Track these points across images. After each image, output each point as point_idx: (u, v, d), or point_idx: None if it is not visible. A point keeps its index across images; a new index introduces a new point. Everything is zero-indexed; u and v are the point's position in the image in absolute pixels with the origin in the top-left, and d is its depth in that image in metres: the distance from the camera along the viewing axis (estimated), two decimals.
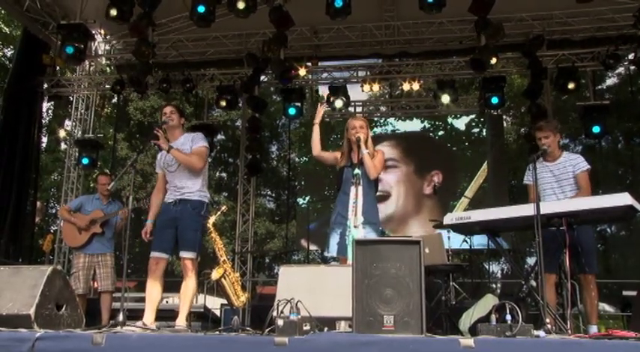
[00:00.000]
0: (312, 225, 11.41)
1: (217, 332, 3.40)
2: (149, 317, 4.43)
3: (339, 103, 10.10)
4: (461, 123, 11.31)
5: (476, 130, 11.28)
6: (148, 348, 2.72)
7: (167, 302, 7.59)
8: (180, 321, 4.45)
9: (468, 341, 2.49)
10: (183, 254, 4.54)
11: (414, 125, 11.57)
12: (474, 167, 10.77)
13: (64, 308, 3.57)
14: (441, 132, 11.48)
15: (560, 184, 4.70)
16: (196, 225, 4.61)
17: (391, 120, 11.75)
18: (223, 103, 10.03)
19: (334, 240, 4.56)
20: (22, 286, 3.41)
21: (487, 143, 11.10)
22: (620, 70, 13.97)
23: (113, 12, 7.87)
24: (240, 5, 7.60)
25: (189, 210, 4.58)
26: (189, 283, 4.54)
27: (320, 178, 11.54)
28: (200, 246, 4.66)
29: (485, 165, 10.69)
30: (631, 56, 9.19)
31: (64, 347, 2.72)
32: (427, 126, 11.59)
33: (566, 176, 4.69)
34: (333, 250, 4.55)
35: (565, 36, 9.28)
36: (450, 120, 11.44)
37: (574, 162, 4.71)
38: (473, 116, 11.38)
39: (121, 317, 3.69)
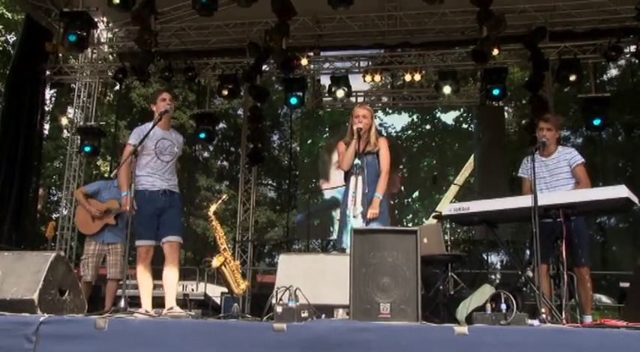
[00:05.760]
0: (299, 217, 11.42)
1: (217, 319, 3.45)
2: (147, 304, 4.49)
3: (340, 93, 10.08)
4: (449, 118, 11.11)
5: (464, 126, 11.09)
6: (150, 332, 2.77)
7: None
8: (171, 303, 4.50)
9: (462, 328, 2.54)
10: (174, 238, 4.64)
11: (402, 119, 11.28)
12: (462, 161, 10.56)
13: (66, 294, 3.62)
14: (428, 126, 11.25)
15: (553, 178, 4.71)
16: (182, 214, 5.03)
17: (378, 113, 11.34)
18: (225, 92, 10.03)
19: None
20: (26, 271, 3.46)
21: (474, 137, 10.90)
22: (621, 61, 13.89)
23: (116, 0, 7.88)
24: None
25: (177, 200, 4.81)
26: (174, 268, 4.64)
27: (308, 170, 11.39)
28: None
29: (471, 159, 10.48)
30: (633, 48, 9.18)
31: (68, 331, 2.78)
32: (415, 119, 11.31)
33: (561, 170, 4.70)
34: (345, 243, 4.44)
35: (567, 28, 9.24)
36: (438, 114, 11.22)
37: (569, 156, 4.72)
38: (460, 111, 11.20)
39: (122, 304, 3.74)
